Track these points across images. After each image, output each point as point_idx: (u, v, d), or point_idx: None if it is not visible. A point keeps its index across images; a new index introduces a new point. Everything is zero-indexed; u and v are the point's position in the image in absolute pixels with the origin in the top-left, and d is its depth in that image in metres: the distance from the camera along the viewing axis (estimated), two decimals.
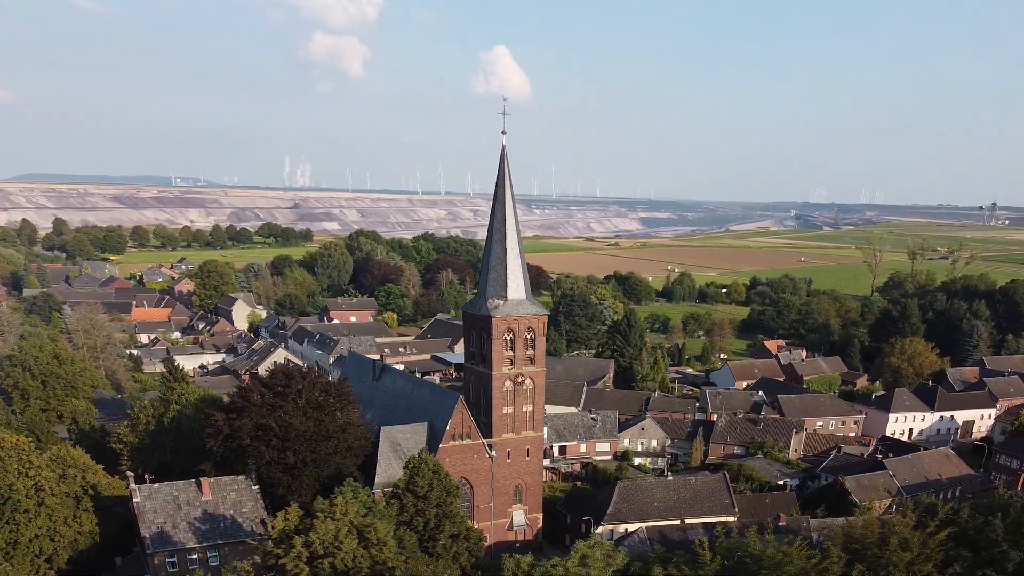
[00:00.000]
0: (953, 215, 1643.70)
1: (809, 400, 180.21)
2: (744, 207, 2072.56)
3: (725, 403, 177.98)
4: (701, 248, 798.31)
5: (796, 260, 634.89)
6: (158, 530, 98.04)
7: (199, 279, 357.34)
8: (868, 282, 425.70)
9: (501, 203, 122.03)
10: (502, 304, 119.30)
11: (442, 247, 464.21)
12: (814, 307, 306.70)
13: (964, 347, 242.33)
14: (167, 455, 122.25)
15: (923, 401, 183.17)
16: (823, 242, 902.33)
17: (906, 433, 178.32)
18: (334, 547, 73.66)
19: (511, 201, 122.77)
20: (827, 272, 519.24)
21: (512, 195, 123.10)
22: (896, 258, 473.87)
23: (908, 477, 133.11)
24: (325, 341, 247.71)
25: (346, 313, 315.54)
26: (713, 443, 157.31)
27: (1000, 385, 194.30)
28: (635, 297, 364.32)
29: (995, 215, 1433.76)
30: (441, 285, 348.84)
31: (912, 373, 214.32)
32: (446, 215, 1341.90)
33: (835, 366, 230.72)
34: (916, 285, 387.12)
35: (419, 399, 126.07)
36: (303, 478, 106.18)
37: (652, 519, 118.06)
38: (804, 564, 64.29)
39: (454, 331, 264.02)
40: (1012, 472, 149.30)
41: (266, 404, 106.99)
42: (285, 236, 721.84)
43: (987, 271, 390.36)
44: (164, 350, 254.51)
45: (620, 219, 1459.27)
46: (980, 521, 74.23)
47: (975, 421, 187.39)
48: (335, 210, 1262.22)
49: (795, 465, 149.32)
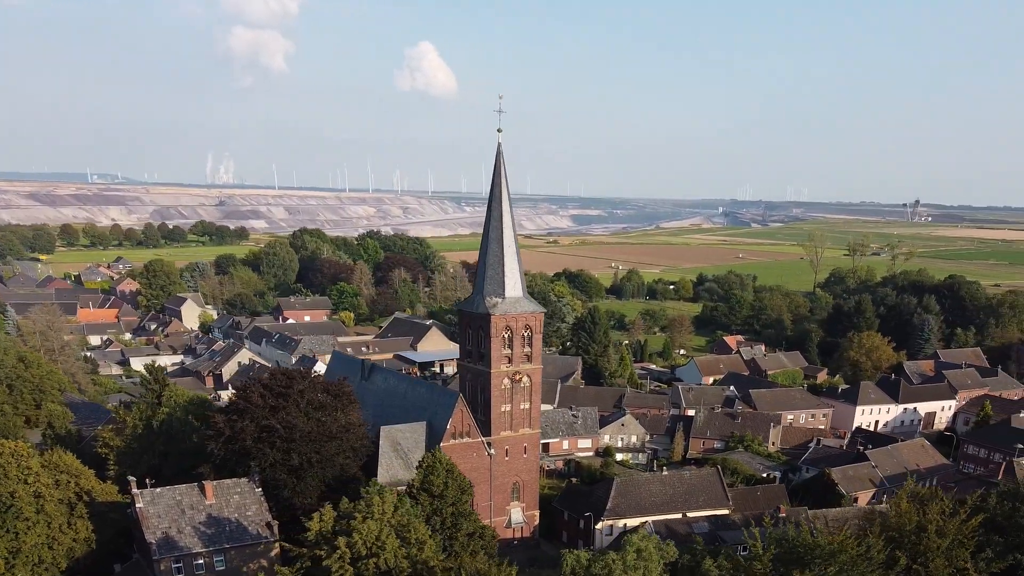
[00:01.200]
0: (877, 212, 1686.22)
1: (780, 394, 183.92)
2: (673, 204, 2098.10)
3: (698, 398, 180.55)
4: (639, 245, 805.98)
5: (735, 257, 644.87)
6: (163, 535, 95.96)
7: (144, 279, 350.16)
8: (809, 278, 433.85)
9: (498, 201, 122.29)
10: (500, 302, 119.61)
11: (389, 245, 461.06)
12: (767, 303, 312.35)
13: (916, 341, 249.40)
14: (156, 459, 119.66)
15: (887, 394, 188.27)
16: (757, 239, 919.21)
17: (872, 425, 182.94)
18: (377, 547, 73.35)
19: (507, 199, 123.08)
20: (767, 268, 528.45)
21: (508, 193, 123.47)
22: (830, 254, 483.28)
23: (889, 468, 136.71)
24: (285, 341, 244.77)
25: (300, 312, 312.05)
26: (693, 438, 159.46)
27: (958, 377, 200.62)
28: (587, 294, 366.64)
29: (917, 212, 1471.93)
30: (394, 284, 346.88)
31: (871, 367, 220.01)
32: (376, 213, 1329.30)
33: (796, 360, 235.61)
34: (857, 281, 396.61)
35: (414, 398, 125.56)
36: (308, 479, 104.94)
37: (651, 513, 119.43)
38: (855, 552, 65.81)
39: (415, 330, 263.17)
40: (980, 461, 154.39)
41: (268, 405, 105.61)
42: (220, 234, 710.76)
43: (925, 267, 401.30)
44: (118, 352, 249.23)
45: (551, 216, 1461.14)
46: (1008, 507, 76.76)
47: (936, 412, 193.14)
48: (262, 208, 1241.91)
49: (776, 458, 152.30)
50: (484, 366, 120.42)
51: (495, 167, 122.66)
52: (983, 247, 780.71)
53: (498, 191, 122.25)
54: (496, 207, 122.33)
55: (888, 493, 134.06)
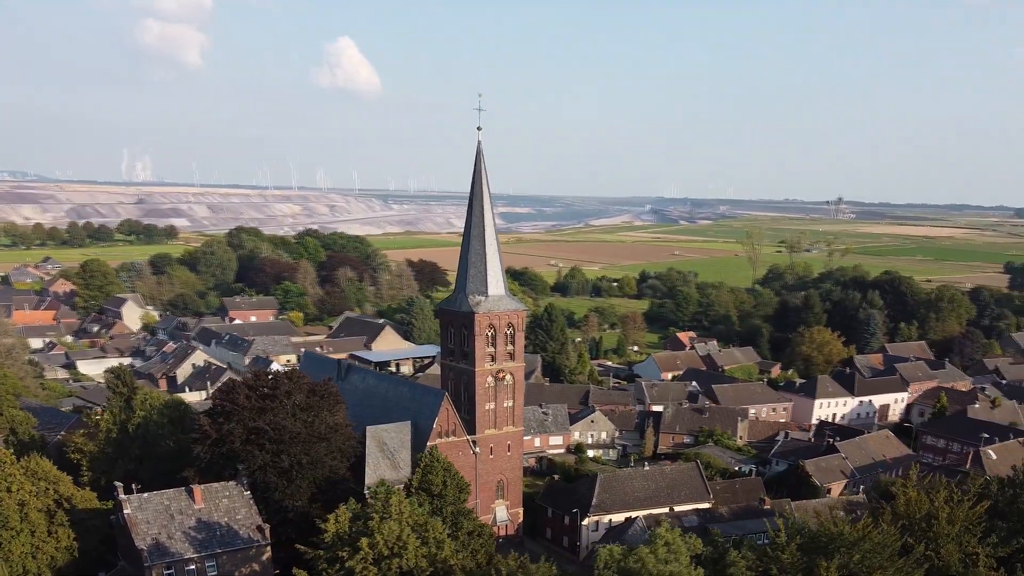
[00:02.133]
0: (801, 209, 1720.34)
1: (741, 389, 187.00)
2: (600, 202, 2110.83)
3: (661, 394, 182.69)
4: (575, 243, 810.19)
5: (670, 254, 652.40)
6: (153, 541, 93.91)
7: (81, 279, 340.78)
8: (747, 274, 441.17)
9: (479, 200, 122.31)
10: (484, 300, 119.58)
11: (329, 244, 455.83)
12: (714, 299, 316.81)
13: (863, 335, 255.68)
14: (131, 463, 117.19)
15: (843, 387, 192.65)
16: (690, 236, 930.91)
17: (830, 417, 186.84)
18: (398, 548, 72.95)
19: (488, 198, 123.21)
20: (704, 265, 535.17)
21: (489, 192, 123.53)
22: (763, 251, 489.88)
23: (858, 459, 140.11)
24: (237, 342, 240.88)
25: (246, 313, 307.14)
26: (662, 433, 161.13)
27: (909, 370, 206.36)
28: (533, 292, 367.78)
29: (840, 209, 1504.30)
30: (340, 283, 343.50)
31: (822, 361, 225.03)
32: (301, 211, 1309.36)
33: (750, 356, 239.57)
34: (796, 277, 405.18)
35: (396, 397, 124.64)
36: (298, 481, 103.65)
37: (635, 508, 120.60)
38: (880, 540, 67.42)
39: (368, 329, 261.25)
40: (939, 451, 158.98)
41: (255, 407, 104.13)
42: (148, 233, 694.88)
43: (860, 263, 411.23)
44: (62, 355, 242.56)
45: None
46: (1010, 494, 79.38)
47: (890, 405, 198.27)
48: (183, 206, 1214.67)
49: (746, 452, 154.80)
50: (468, 364, 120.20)
51: (475, 166, 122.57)
52: (908, 243, 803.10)
53: (479, 189, 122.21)
54: (477, 205, 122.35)
55: (859, 484, 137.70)
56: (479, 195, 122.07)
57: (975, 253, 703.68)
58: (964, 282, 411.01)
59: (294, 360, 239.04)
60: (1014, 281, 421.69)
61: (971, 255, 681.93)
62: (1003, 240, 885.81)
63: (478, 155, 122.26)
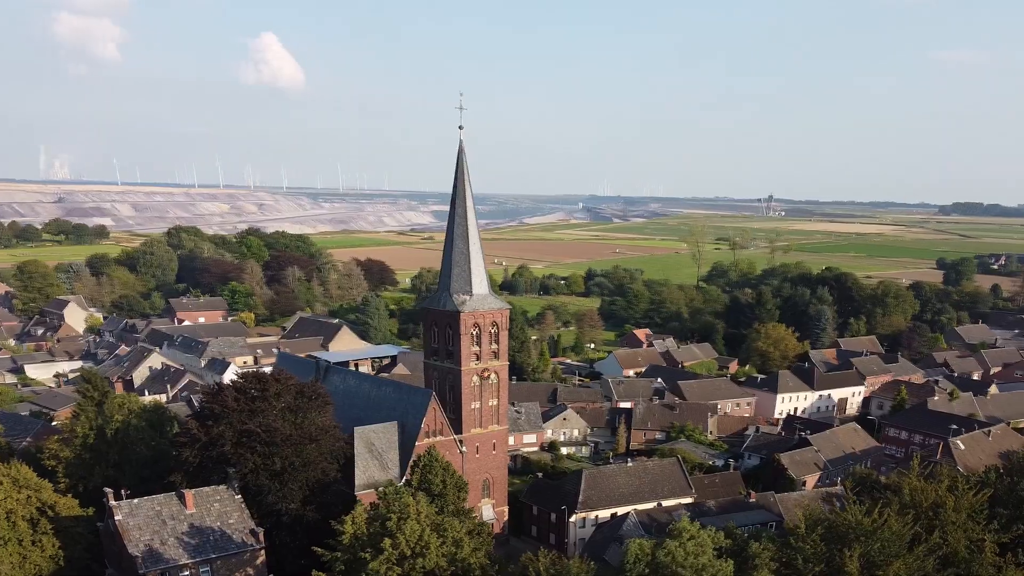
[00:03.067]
0: (731, 207, 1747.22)
1: (707, 385, 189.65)
2: (533, 200, 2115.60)
3: (628, 391, 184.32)
4: (515, 241, 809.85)
5: (612, 252, 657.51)
6: (146, 548, 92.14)
7: (19, 281, 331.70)
8: (690, 271, 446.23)
9: (462, 199, 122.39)
10: (469, 299, 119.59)
11: (272, 243, 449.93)
12: (665, 296, 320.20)
13: (814, 331, 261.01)
14: (109, 469, 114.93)
15: (803, 381, 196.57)
16: (628, 234, 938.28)
17: (791, 412, 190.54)
18: (421, 547, 72.80)
19: (471, 197, 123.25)
20: (646, 263, 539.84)
21: (471, 191, 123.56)
22: (683, 246, 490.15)
23: (830, 451, 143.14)
24: (190, 344, 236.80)
25: (194, 314, 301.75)
26: (634, 429, 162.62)
27: (864, 364, 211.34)
28: None
29: (771, 206, 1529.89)
30: (290, 283, 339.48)
31: (779, 356, 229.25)
32: (229, 209, 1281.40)
33: (707, 352, 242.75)
34: (739, 274, 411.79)
35: (381, 398, 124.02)
36: (290, 484, 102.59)
37: (620, 504, 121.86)
38: (899, 529, 69.25)
39: (324, 329, 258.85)
40: (901, 443, 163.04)
41: (245, 409, 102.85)
42: (78, 233, 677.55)
43: (801, 260, 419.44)
44: (9, 359, 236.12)
45: (412, 212, 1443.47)
46: (1008, 482, 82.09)
47: (848, 398, 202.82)
48: (106, 204, 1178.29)
49: (718, 447, 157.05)
50: (453, 364, 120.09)
51: (457, 165, 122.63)
52: (840, 240, 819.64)
53: (461, 189, 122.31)
54: (460, 205, 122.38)
55: (832, 476, 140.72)
56: (462, 194, 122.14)
57: (905, 249, 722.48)
58: (900, 278, 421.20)
59: (251, 361, 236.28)
60: (948, 277, 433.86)
61: (902, 251, 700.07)
62: (930, 237, 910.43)
63: (460, 155, 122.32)
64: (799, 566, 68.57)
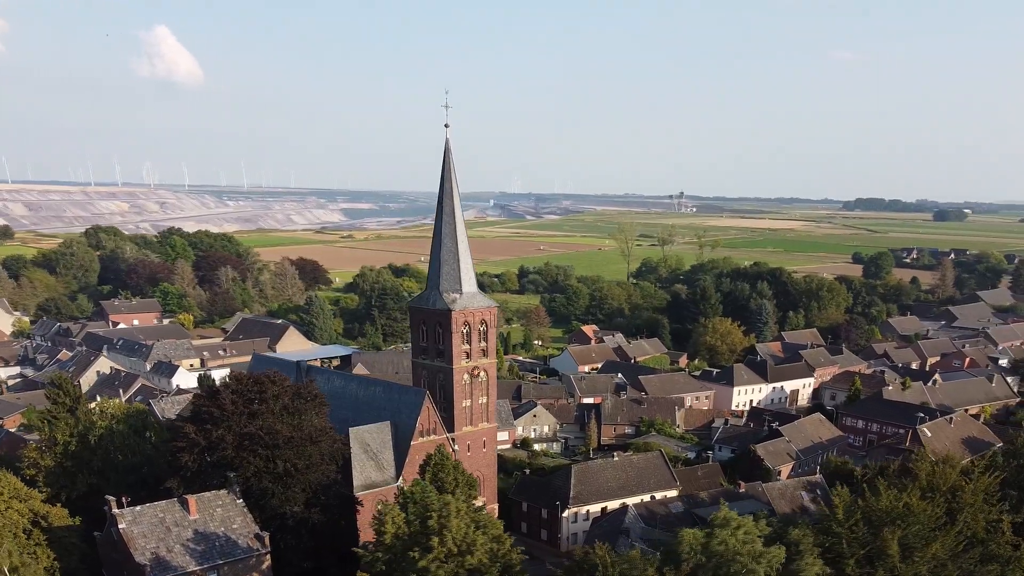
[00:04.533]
0: (642, 203, 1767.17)
1: (667, 379, 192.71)
2: None
3: (591, 387, 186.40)
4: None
5: (536, 249, 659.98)
6: (153, 556, 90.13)
7: None
8: (619, 267, 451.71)
9: (449, 198, 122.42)
10: (459, 297, 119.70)
11: (196, 243, 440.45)
12: (606, 293, 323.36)
13: (756, 324, 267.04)
14: (93, 477, 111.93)
15: (757, 374, 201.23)
16: (549, 231, 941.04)
17: (747, 404, 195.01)
18: (466, 545, 73.00)
19: (458, 196, 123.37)
20: (572, 259, 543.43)
21: (458, 189, 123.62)
22: (606, 242, 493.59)
23: (800, 441, 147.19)
24: (133, 347, 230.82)
25: (128, 316, 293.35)
26: (604, 425, 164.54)
27: (812, 356, 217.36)
28: (421, 287, 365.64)
29: (682, 203, 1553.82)
30: (223, 283, 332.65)
31: (726, 350, 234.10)
32: (130, 208, 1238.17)
33: (656, 347, 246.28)
34: (669, 270, 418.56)
35: (370, 398, 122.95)
36: (293, 487, 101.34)
37: (609, 498, 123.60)
38: (930, 512, 72.03)
39: (269, 330, 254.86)
40: (859, 432, 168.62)
41: (244, 412, 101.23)
42: None
43: (729, 256, 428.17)
44: None
45: (321, 211, 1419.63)
46: (1015, 464, 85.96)
47: (799, 389, 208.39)
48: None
49: (689, 439, 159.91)
50: (444, 362, 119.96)
51: (444, 163, 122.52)
52: (755, 236, 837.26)
53: (448, 187, 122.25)
54: (448, 203, 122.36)
55: (803, 465, 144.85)
56: (449, 193, 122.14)
57: (819, 244, 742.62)
58: (820, 272, 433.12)
59: (197, 364, 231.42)
60: (868, 271, 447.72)
61: (816, 246, 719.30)
62: (840, 232, 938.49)
63: (446, 153, 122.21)
64: (842, 550, 70.85)
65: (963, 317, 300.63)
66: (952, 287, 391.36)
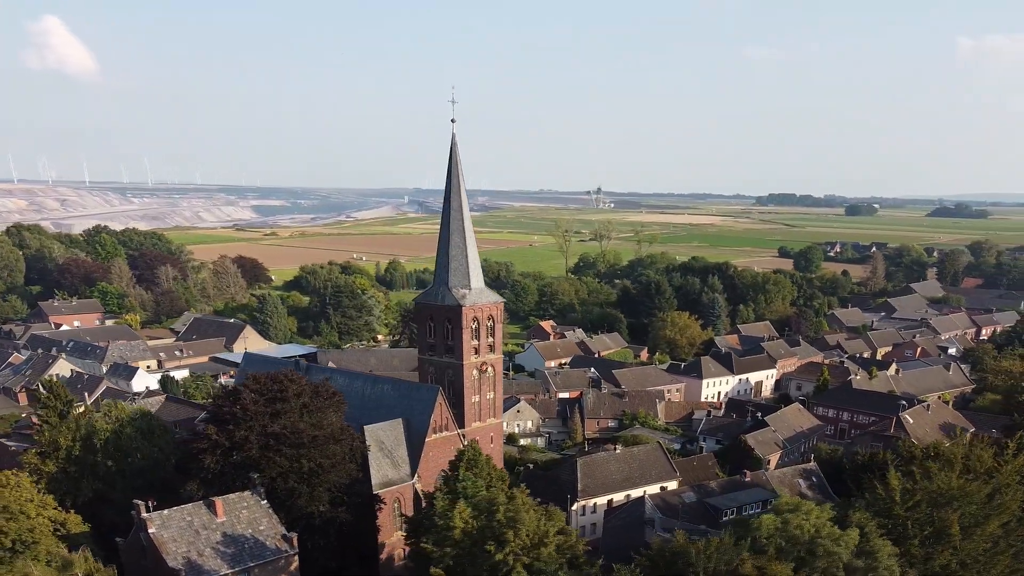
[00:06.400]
0: (558, 199, 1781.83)
1: (638, 373, 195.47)
2: (358, 194, 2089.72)
3: (566, 382, 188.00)
4: (362, 236, 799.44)
5: None
6: (185, 560, 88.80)
7: None
8: (556, 263, 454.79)
9: (456, 193, 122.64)
10: (468, 293, 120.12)
11: (125, 241, 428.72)
12: (556, 288, 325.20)
13: (709, 318, 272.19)
14: (98, 482, 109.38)
15: (724, 366, 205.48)
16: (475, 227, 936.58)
17: (715, 396, 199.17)
18: (538, 537, 73.71)
19: (464, 192, 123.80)
20: (507, 256, 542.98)
21: (464, 186, 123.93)
22: (548, 240, 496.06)
23: (784, 431, 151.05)
24: (86, 349, 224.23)
25: (69, 317, 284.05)
26: (587, 419, 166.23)
27: (773, 348, 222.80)
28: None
29: (600, 199, 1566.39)
30: (163, 282, 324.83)
31: (686, 343, 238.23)
32: (28, 206, 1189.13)
33: (617, 341, 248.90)
34: (607, 265, 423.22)
35: (378, 395, 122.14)
36: (319, 486, 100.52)
37: (615, 490, 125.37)
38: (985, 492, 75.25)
39: (224, 330, 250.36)
40: (830, 420, 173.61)
41: (267, 411, 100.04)
42: None
43: (666, 251, 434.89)
44: None
45: (231, 207, 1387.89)
46: None
47: (763, 381, 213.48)
48: None
49: (673, 432, 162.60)
50: (454, 358, 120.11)
51: (450, 158, 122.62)
52: (678, 231, 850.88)
53: (456, 183, 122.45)
54: (455, 200, 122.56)
55: (789, 454, 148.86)
56: (456, 189, 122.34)
57: (742, 239, 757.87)
58: (752, 266, 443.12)
59: (155, 365, 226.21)
60: (799, 264, 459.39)
61: (740, 241, 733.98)
62: (758, 226, 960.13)
63: (452, 148, 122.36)
64: (908, 531, 73.63)
65: (901, 308, 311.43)
66: (883, 279, 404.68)
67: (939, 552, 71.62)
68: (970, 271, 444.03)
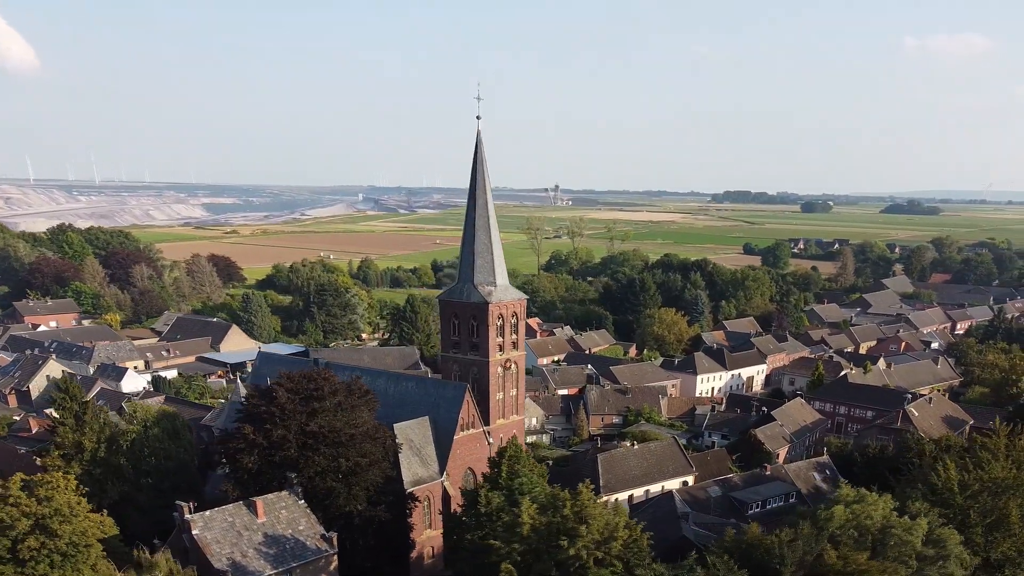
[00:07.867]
0: (513, 197, 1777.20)
1: (635, 369, 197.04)
2: (311, 191, 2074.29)
3: (564, 379, 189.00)
4: (324, 234, 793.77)
5: (433, 243, 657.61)
6: (230, 561, 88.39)
7: None
8: (527, 260, 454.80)
9: (481, 190, 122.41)
10: (494, 290, 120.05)
11: (90, 239, 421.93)
12: (537, 285, 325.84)
13: (693, 315, 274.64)
14: (125, 484, 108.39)
15: (717, 362, 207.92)
16: (435, 225, 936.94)
17: (709, 391, 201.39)
18: (609, 531, 74.44)
19: (489, 189, 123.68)
20: None
21: (489, 182, 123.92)
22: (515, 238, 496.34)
23: (791, 425, 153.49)
24: (74, 349, 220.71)
25: (45, 317, 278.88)
26: (592, 415, 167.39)
27: (763, 344, 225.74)
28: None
29: (558, 196, 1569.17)
30: (137, 281, 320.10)
31: (674, 340, 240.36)
32: None
33: (605, 338, 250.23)
34: (580, 262, 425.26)
35: (403, 394, 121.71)
36: (356, 485, 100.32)
37: (635, 485, 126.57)
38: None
39: (209, 329, 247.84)
40: (827, 415, 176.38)
41: (302, 410, 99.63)
42: None
43: (638, 248, 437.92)
44: None
45: (181, 205, 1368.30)
46: None
47: (754, 376, 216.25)
48: None
49: (678, 427, 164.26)
50: (480, 356, 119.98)
51: (475, 155, 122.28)
52: (640, 228, 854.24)
53: (480, 179, 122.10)
54: (481, 196, 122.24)
55: (796, 448, 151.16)
56: (481, 186, 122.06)
57: (704, 236, 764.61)
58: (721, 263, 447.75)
59: (142, 365, 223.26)
60: (767, 260, 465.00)
61: (703, 238, 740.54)
62: (718, 224, 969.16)
63: (477, 144, 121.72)
64: (971, 519, 75.60)
65: (876, 304, 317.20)
66: (853, 275, 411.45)
67: (1000, 540, 73.73)
68: (935, 267, 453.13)
